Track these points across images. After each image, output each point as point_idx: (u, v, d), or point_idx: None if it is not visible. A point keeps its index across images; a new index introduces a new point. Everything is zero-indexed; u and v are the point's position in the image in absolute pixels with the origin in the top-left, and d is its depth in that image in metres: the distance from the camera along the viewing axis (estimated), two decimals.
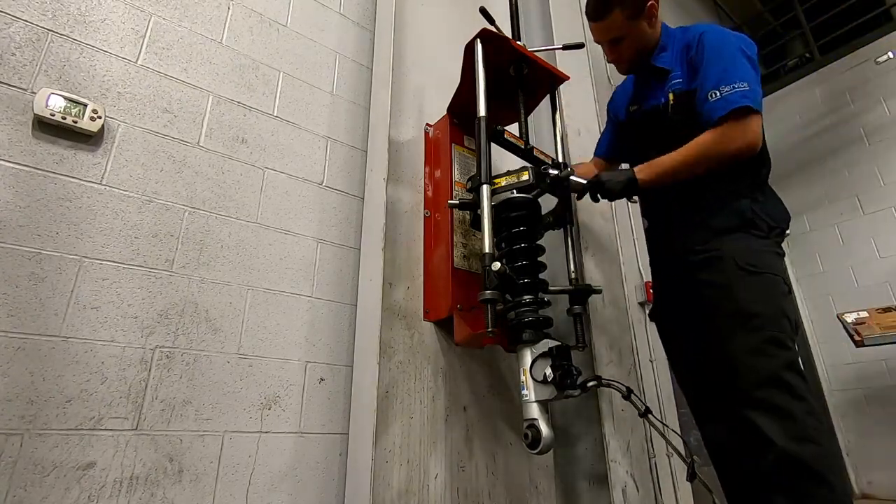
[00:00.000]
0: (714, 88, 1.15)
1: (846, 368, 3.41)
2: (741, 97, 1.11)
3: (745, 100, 1.10)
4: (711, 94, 1.14)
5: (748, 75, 1.14)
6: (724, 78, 1.14)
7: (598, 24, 1.36)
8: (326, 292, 1.48)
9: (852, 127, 3.62)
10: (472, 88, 1.37)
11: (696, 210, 1.27)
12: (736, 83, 1.12)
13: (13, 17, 1.16)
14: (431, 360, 1.46)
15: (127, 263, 1.17)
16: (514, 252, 1.34)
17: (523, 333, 1.24)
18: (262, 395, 1.28)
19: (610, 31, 1.34)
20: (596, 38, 1.40)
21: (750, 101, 1.10)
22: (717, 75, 1.16)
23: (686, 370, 1.31)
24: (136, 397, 1.10)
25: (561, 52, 1.69)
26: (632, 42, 1.33)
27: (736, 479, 1.11)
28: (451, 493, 1.36)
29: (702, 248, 1.23)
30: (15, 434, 0.96)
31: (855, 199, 3.54)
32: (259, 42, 1.57)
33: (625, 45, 1.34)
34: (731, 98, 1.11)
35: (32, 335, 1.02)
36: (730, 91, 1.12)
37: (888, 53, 3.51)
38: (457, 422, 1.46)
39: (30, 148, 1.11)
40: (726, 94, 1.12)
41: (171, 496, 1.09)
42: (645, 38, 1.33)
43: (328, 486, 1.31)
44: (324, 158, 1.60)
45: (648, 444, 1.81)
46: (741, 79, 1.13)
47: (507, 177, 1.36)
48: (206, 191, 1.33)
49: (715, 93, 1.14)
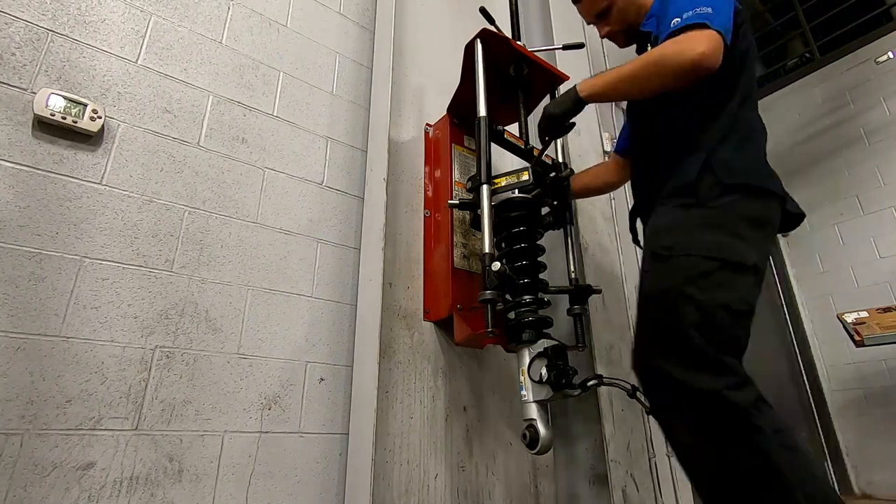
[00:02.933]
0: (676, 16, 1.03)
1: (846, 368, 3.41)
2: (699, 17, 1.00)
3: (703, 19, 0.99)
4: (673, 22, 1.03)
5: (715, 1, 1.02)
6: (686, 6, 1.03)
7: (581, 5, 1.33)
8: (326, 292, 1.48)
9: (852, 127, 3.62)
10: (472, 88, 1.37)
11: (655, 175, 1.16)
12: (699, 7, 1.01)
13: (13, 17, 1.16)
14: (431, 360, 1.46)
15: (127, 263, 1.17)
16: (514, 252, 1.34)
17: (523, 333, 1.24)
18: (262, 395, 1.28)
19: (594, 3, 1.30)
20: (586, 20, 1.37)
21: (707, 19, 0.99)
22: (680, 5, 1.05)
23: None
24: (136, 397, 1.10)
25: (561, 52, 1.69)
26: (619, 9, 1.28)
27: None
28: (451, 493, 1.36)
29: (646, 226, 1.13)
30: (15, 434, 0.96)
31: (855, 199, 3.54)
32: (259, 42, 1.57)
33: (613, 14, 1.29)
34: (689, 17, 1.01)
35: (32, 335, 1.02)
36: (690, 14, 1.01)
37: (888, 53, 3.51)
38: (457, 422, 1.46)
39: (30, 148, 1.11)
40: (686, 17, 1.01)
41: (171, 496, 1.09)
42: (633, 4, 1.26)
43: (328, 486, 1.31)
44: (324, 158, 1.60)
45: (648, 444, 1.81)
46: (705, 3, 1.01)
47: (507, 177, 1.36)
48: (206, 191, 1.33)
49: (676, 20, 1.03)
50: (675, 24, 1.02)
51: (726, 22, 1.02)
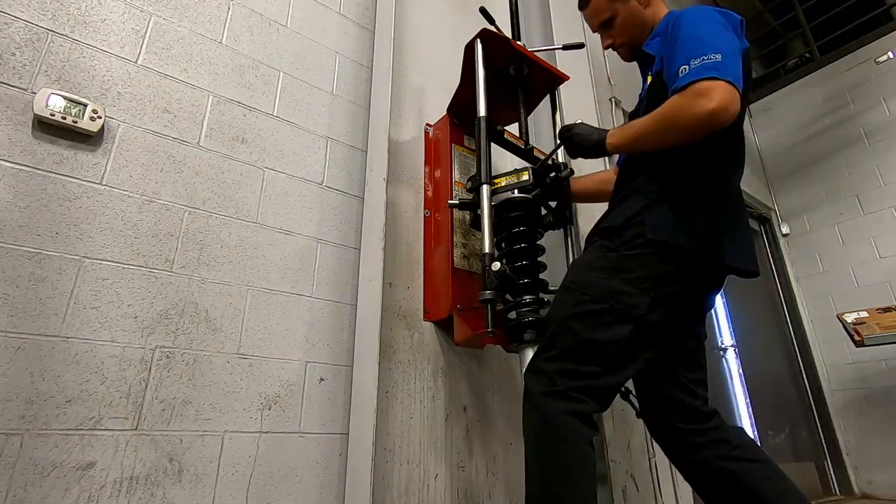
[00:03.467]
0: (684, 63, 1.02)
1: (846, 368, 3.41)
2: (710, 68, 0.99)
3: (712, 71, 0.98)
4: (681, 70, 1.02)
5: (724, 46, 1.02)
6: (695, 51, 1.02)
7: (587, 12, 1.34)
8: (326, 292, 1.48)
9: (852, 127, 3.63)
10: (472, 88, 1.37)
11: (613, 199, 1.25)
12: (707, 55, 1.00)
13: (13, 17, 1.16)
14: (431, 360, 1.46)
15: (127, 263, 1.17)
16: (514, 252, 1.34)
17: (525, 333, 1.24)
18: (262, 395, 1.28)
19: (597, 14, 1.30)
20: (591, 27, 1.37)
21: (719, 72, 0.98)
22: (689, 49, 1.04)
23: None
24: (136, 397, 1.10)
25: (561, 52, 1.69)
26: (623, 22, 1.27)
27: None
28: (451, 493, 1.36)
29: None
30: (15, 434, 0.96)
31: (855, 199, 3.54)
32: (259, 42, 1.57)
33: (616, 27, 1.29)
34: (698, 68, 1.00)
35: (32, 335, 1.02)
36: (698, 63, 1.00)
37: (888, 53, 3.51)
38: (457, 422, 1.46)
39: (30, 148, 1.11)
40: (694, 67, 1.00)
41: (171, 496, 1.09)
42: (637, 19, 1.26)
43: (328, 486, 1.31)
44: (324, 158, 1.60)
45: (648, 445, 1.81)
46: (714, 49, 1.01)
47: (507, 177, 1.36)
48: (206, 191, 1.33)
49: (685, 67, 1.02)
50: (683, 74, 1.01)
51: (735, 68, 1.00)
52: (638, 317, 1.04)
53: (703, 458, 1.16)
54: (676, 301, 1.10)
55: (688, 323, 1.22)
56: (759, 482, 1.11)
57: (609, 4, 1.28)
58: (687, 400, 1.19)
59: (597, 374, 1.03)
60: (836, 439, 3.35)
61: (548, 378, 1.04)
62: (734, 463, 1.13)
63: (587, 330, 1.04)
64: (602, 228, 1.17)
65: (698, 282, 1.12)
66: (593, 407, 1.03)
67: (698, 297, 1.17)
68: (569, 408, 1.00)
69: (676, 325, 1.15)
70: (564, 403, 1.00)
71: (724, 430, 1.18)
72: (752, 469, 1.12)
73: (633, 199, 1.13)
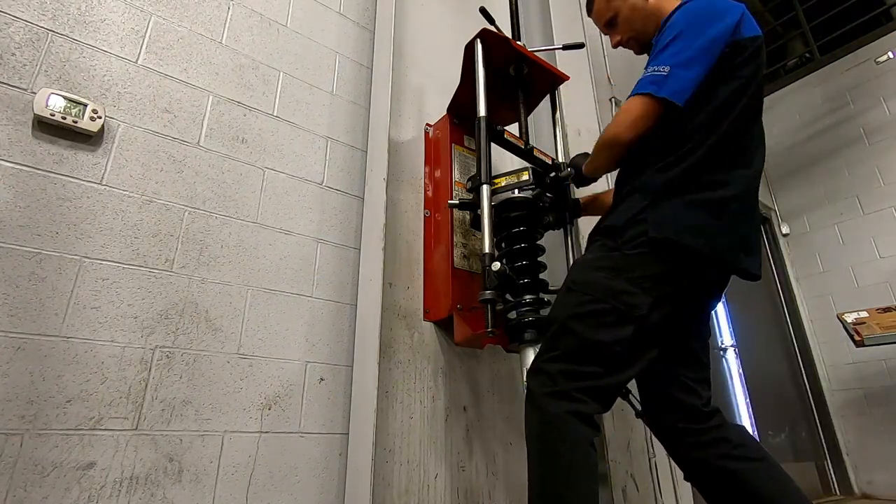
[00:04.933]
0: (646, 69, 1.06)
1: (846, 368, 3.41)
2: (648, 83, 1.02)
3: (649, 86, 1.02)
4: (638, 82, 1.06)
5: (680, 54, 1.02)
6: (655, 59, 1.05)
7: (592, 16, 1.35)
8: (326, 292, 1.48)
9: (852, 127, 3.63)
10: (472, 88, 1.37)
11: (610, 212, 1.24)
12: (657, 66, 1.03)
13: (13, 17, 1.16)
14: (431, 360, 1.46)
15: (127, 263, 1.17)
16: (514, 252, 1.34)
17: (525, 333, 1.24)
18: (262, 395, 1.28)
19: (600, 16, 1.32)
20: (600, 30, 1.38)
21: (657, 86, 1.01)
22: (654, 55, 1.07)
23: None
24: (136, 397, 1.10)
25: (561, 52, 1.69)
26: (625, 19, 1.27)
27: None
28: (451, 493, 1.36)
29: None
30: (15, 434, 0.96)
31: (855, 199, 3.54)
32: (259, 42, 1.57)
33: (619, 24, 1.29)
34: (643, 81, 1.03)
35: (32, 335, 1.02)
36: (648, 74, 1.04)
37: (888, 53, 3.51)
38: (457, 422, 1.46)
39: (30, 148, 1.11)
40: (643, 78, 1.03)
41: (171, 496, 1.09)
42: (639, 14, 1.25)
43: (328, 486, 1.31)
44: (324, 158, 1.60)
45: (648, 444, 1.81)
46: (663, 62, 1.03)
47: (507, 177, 1.36)
48: (206, 191, 1.33)
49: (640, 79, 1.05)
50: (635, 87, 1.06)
51: (681, 79, 1.01)
52: (640, 317, 1.03)
53: (703, 457, 1.16)
54: (679, 300, 1.09)
55: (691, 322, 1.21)
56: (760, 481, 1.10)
57: (609, 4, 1.29)
58: (688, 399, 1.19)
59: (598, 375, 1.03)
60: (836, 439, 3.35)
61: (550, 378, 1.04)
62: (735, 462, 1.13)
63: (589, 330, 1.04)
64: (604, 227, 1.16)
65: (701, 281, 1.11)
66: (595, 407, 1.02)
67: (701, 296, 1.17)
68: (570, 408, 0.99)
69: (679, 325, 1.14)
70: (566, 404, 1.00)
71: (726, 429, 1.17)
72: (754, 468, 1.12)
73: (635, 197, 1.11)
